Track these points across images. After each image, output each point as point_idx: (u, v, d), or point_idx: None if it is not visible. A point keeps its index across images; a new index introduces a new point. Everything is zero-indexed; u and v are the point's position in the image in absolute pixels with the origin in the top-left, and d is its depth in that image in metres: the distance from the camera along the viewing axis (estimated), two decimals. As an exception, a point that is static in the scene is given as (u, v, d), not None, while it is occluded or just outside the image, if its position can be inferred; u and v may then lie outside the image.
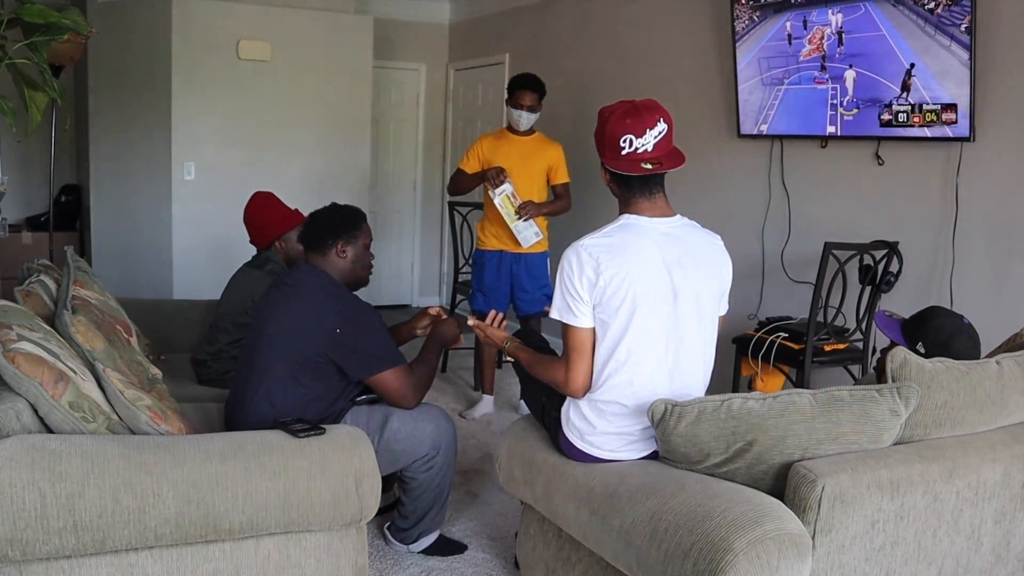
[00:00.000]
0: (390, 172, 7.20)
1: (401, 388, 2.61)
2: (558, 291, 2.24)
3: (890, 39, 3.47)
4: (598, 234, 2.23)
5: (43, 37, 3.16)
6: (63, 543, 1.90)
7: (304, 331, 2.53)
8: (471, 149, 4.36)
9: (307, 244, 2.71)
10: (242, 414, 2.57)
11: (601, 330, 2.22)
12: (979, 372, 2.21)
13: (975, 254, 3.38)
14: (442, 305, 2.92)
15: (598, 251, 2.18)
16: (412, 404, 2.66)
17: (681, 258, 2.22)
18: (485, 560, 2.90)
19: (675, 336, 2.23)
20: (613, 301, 2.17)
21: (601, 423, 2.26)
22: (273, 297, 2.64)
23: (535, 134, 4.34)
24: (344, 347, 2.53)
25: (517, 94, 4.22)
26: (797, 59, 3.87)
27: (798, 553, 1.82)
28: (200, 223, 5.54)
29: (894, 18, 3.43)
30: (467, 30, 7.03)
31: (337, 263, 2.68)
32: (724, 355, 3.85)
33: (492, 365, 4.53)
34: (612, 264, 2.16)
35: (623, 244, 2.19)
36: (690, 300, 2.23)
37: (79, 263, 2.91)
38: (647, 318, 2.18)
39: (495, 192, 4.14)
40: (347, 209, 2.77)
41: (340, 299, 2.61)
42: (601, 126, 2.26)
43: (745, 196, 4.32)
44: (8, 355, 1.96)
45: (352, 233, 2.71)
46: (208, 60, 5.49)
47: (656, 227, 2.23)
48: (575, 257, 2.20)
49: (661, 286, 2.19)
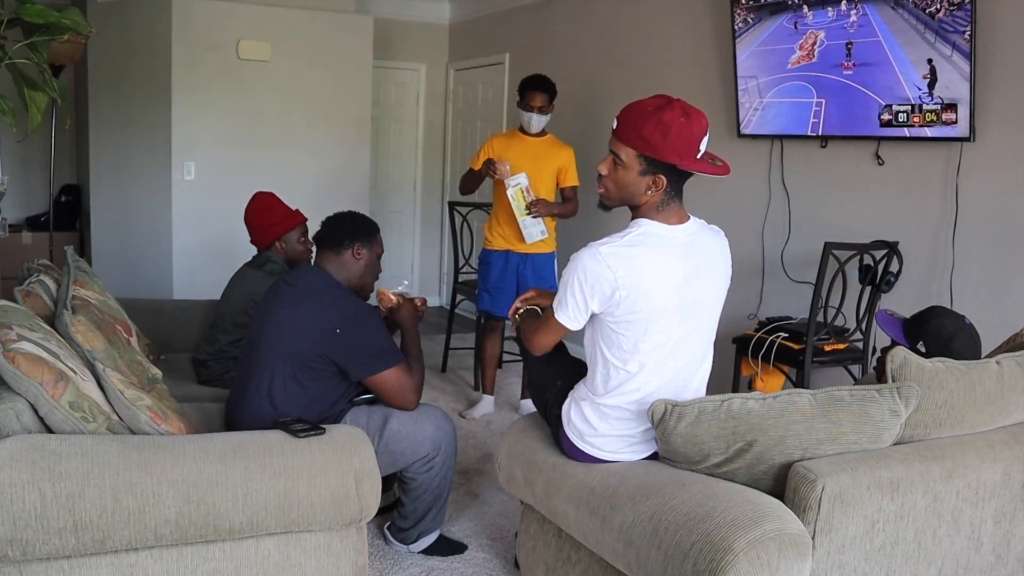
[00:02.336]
0: (390, 172, 7.21)
1: (401, 388, 2.61)
2: (566, 290, 2.16)
3: (886, 47, 3.46)
4: (620, 241, 2.12)
5: (43, 37, 3.16)
6: (63, 543, 1.90)
7: (304, 331, 2.53)
8: (482, 148, 4.34)
9: (323, 242, 2.71)
10: (242, 414, 2.58)
11: (609, 339, 2.19)
12: (979, 372, 2.21)
13: (975, 254, 3.38)
14: (382, 288, 2.89)
15: (617, 263, 2.08)
16: (413, 405, 2.65)
17: (698, 269, 2.18)
18: (485, 560, 2.90)
19: (686, 346, 2.21)
20: (627, 317, 2.13)
21: (603, 426, 2.26)
22: (275, 297, 2.64)
23: (547, 136, 4.33)
24: (343, 347, 2.53)
25: (527, 96, 4.20)
26: (786, 66, 3.86)
27: (798, 553, 1.82)
28: (200, 223, 5.55)
29: (893, 22, 3.42)
30: (467, 30, 7.03)
31: (350, 265, 2.69)
32: (724, 355, 3.87)
33: (493, 365, 4.52)
34: (630, 280, 2.08)
35: (643, 258, 2.11)
36: (703, 311, 2.22)
37: (79, 263, 2.91)
38: (661, 334, 2.15)
39: (509, 181, 4.10)
40: (366, 217, 2.81)
41: (341, 299, 2.61)
42: (679, 128, 2.06)
43: (745, 196, 4.32)
44: (8, 355, 1.96)
45: (369, 239, 2.73)
46: (208, 60, 5.49)
47: (675, 237, 2.16)
48: (593, 264, 2.10)
49: (678, 300, 2.15)
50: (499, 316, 4.38)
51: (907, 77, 3.41)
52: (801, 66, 3.83)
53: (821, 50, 3.73)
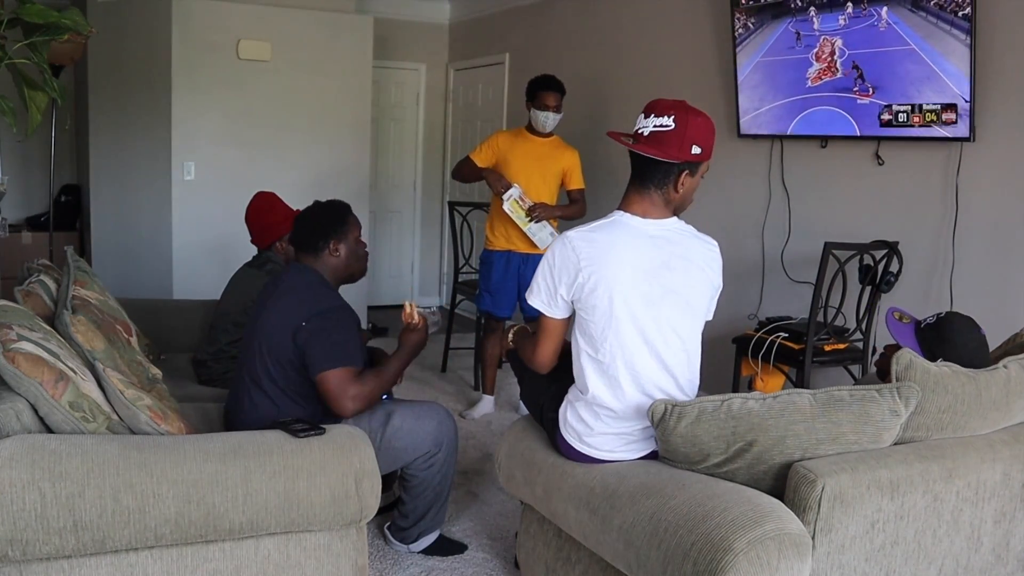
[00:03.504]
0: (390, 172, 7.21)
1: (339, 392, 2.45)
2: (540, 277, 2.25)
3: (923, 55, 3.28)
4: (587, 228, 2.23)
5: (43, 37, 3.17)
6: (63, 543, 1.91)
7: (281, 328, 2.52)
8: (487, 142, 4.34)
9: (298, 247, 2.69)
10: (240, 414, 2.58)
11: (583, 328, 2.23)
12: (986, 378, 2.19)
13: (975, 254, 3.38)
14: (412, 302, 2.82)
15: (581, 245, 2.18)
16: (348, 413, 2.48)
17: (670, 260, 2.20)
18: (485, 560, 2.90)
19: (661, 338, 2.21)
20: (591, 300, 2.17)
21: (598, 424, 2.26)
22: (265, 297, 2.64)
23: (553, 137, 4.32)
24: (304, 341, 2.48)
25: (541, 96, 4.19)
26: (805, 83, 3.76)
27: (798, 553, 1.82)
28: (200, 223, 5.54)
29: (920, 26, 3.29)
30: (467, 30, 7.03)
31: (331, 262, 2.67)
32: (724, 355, 3.88)
33: (494, 365, 4.52)
34: (592, 263, 2.16)
35: (608, 242, 2.18)
36: (679, 302, 2.22)
37: (79, 263, 2.91)
38: (628, 321, 2.17)
39: (503, 198, 4.13)
40: (331, 205, 2.73)
41: (318, 297, 2.57)
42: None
43: (745, 196, 4.32)
44: (8, 355, 1.96)
45: (341, 229, 2.68)
46: (208, 60, 5.49)
47: (646, 229, 2.20)
48: (559, 248, 2.21)
49: (644, 288, 2.17)
50: (500, 316, 4.38)
51: (954, 80, 3.26)
52: (824, 83, 3.70)
53: (843, 60, 3.58)
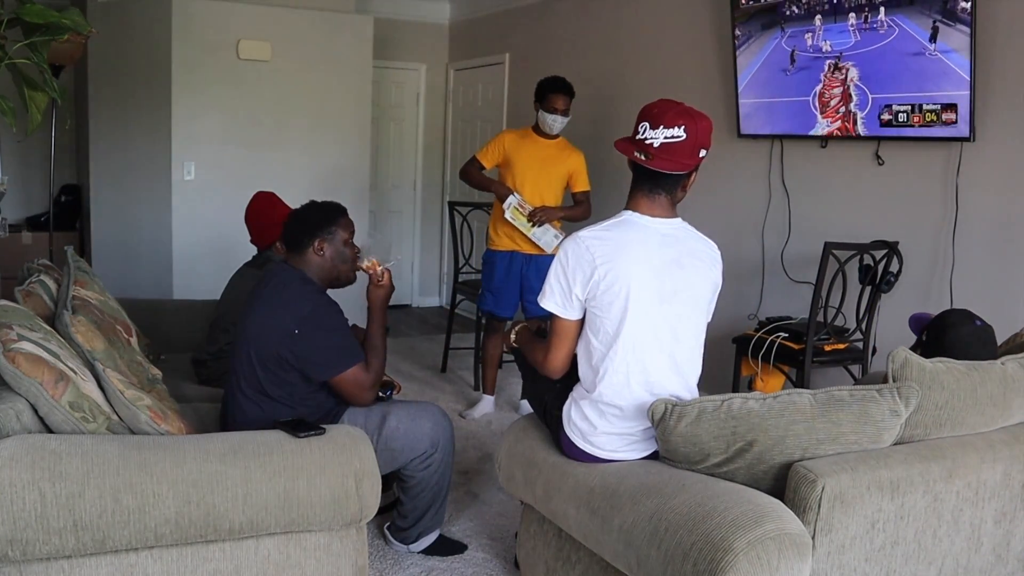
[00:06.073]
0: (390, 172, 7.21)
1: (357, 387, 2.56)
2: (552, 279, 2.25)
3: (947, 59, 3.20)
4: (598, 227, 2.23)
5: (43, 37, 3.17)
6: (63, 543, 1.91)
7: (268, 331, 2.50)
8: (493, 142, 4.33)
9: (285, 244, 2.68)
10: (233, 415, 2.58)
11: (595, 326, 2.23)
12: (981, 374, 2.20)
13: (975, 254, 3.38)
14: (374, 259, 2.77)
15: (595, 244, 2.18)
16: (368, 402, 2.61)
17: (680, 258, 2.22)
18: (485, 560, 2.90)
19: (672, 336, 2.23)
20: (607, 297, 2.17)
21: (603, 423, 2.26)
22: (252, 298, 2.63)
23: (559, 139, 4.32)
24: (301, 350, 2.48)
25: (551, 98, 4.17)
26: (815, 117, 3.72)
27: (798, 553, 1.82)
28: (200, 223, 5.54)
29: (917, 27, 3.27)
30: (467, 30, 7.03)
31: (314, 261, 2.62)
32: (724, 355, 3.88)
33: (495, 365, 4.52)
34: (608, 260, 2.16)
35: (621, 241, 2.19)
36: (689, 300, 2.24)
37: (79, 263, 2.91)
38: (642, 318, 2.18)
39: (504, 207, 4.15)
40: (323, 205, 2.70)
41: (300, 299, 2.54)
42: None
43: (745, 196, 4.32)
44: (8, 355, 1.96)
45: (328, 229, 2.63)
46: (208, 60, 5.49)
47: (656, 227, 2.23)
48: (573, 247, 2.21)
49: (657, 285, 2.18)
50: (502, 316, 4.38)
51: (954, 80, 3.21)
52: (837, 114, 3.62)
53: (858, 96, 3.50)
